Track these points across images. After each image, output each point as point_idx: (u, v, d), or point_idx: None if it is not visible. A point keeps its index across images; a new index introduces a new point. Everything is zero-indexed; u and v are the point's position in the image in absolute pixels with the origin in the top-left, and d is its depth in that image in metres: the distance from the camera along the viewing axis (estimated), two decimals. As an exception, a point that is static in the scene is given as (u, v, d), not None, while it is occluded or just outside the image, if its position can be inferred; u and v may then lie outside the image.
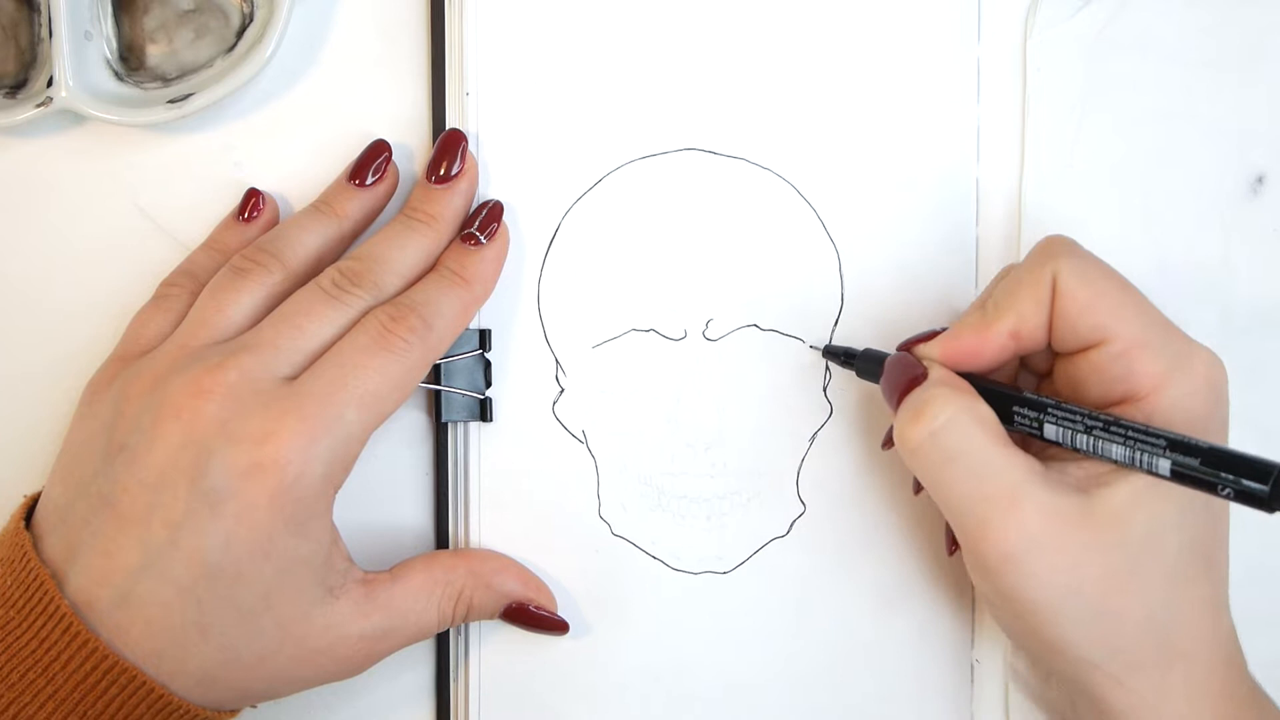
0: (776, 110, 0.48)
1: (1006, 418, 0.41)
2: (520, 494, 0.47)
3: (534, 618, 0.46)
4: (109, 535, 0.40)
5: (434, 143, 0.46)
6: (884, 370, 0.43)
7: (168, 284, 0.46)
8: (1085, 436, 0.40)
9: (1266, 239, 0.49)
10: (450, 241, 0.46)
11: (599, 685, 0.48)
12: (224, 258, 0.46)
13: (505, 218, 0.46)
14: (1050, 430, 0.40)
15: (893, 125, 0.48)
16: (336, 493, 0.42)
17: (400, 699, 0.48)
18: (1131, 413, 0.40)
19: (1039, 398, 0.41)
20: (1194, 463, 0.37)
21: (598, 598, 0.48)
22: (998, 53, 0.49)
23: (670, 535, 0.48)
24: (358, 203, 0.46)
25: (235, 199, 0.47)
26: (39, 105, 0.45)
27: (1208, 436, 0.40)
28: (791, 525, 0.48)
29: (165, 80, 0.47)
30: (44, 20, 0.46)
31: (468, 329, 0.46)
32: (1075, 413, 0.40)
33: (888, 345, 0.46)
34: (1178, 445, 0.38)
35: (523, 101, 0.47)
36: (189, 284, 0.45)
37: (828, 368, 0.48)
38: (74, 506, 0.41)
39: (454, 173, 0.46)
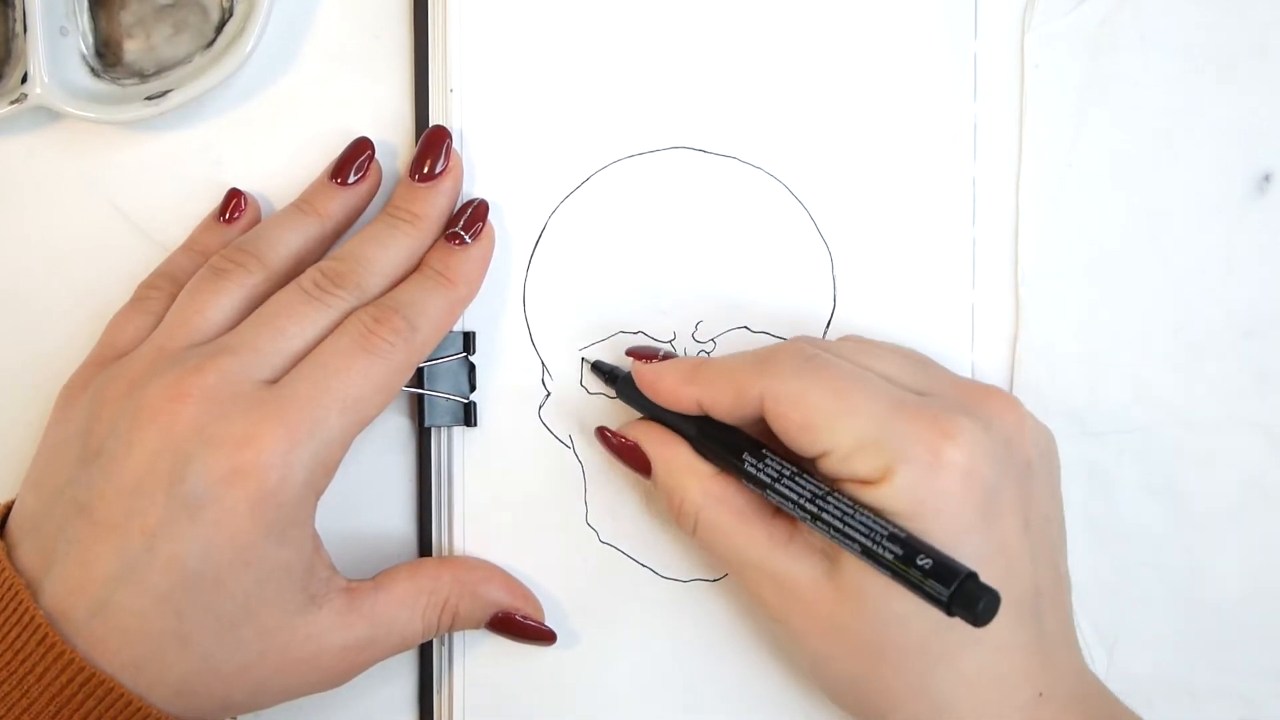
0: (768, 108, 0.48)
1: (737, 458, 0.43)
2: (506, 500, 0.48)
3: (520, 627, 0.46)
4: (85, 543, 0.40)
5: (417, 140, 0.46)
6: (605, 447, 0.46)
7: (146, 286, 0.46)
8: (802, 513, 0.41)
9: (1273, 239, 0.50)
10: (434, 241, 0.46)
11: (586, 696, 0.48)
12: (204, 259, 0.45)
13: (491, 217, 0.46)
14: (775, 500, 0.42)
15: (887, 123, 0.48)
16: (318, 499, 0.42)
17: (383, 710, 0.48)
18: (864, 495, 0.41)
19: (761, 470, 0.42)
20: (888, 553, 0.38)
21: (585, 606, 0.48)
22: (995, 48, 0.49)
23: (659, 543, 0.48)
24: (340, 202, 0.46)
25: (215, 198, 0.47)
26: (13, 102, 0.46)
27: (950, 520, 0.40)
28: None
29: (143, 76, 0.48)
30: (18, 15, 0.46)
31: (452, 331, 0.46)
32: (794, 493, 0.41)
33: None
34: (873, 531, 0.39)
35: (508, 98, 0.47)
36: (168, 286, 0.45)
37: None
38: (49, 514, 0.41)
39: (438, 171, 0.46)
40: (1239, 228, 0.49)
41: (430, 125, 0.47)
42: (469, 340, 0.47)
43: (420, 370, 0.47)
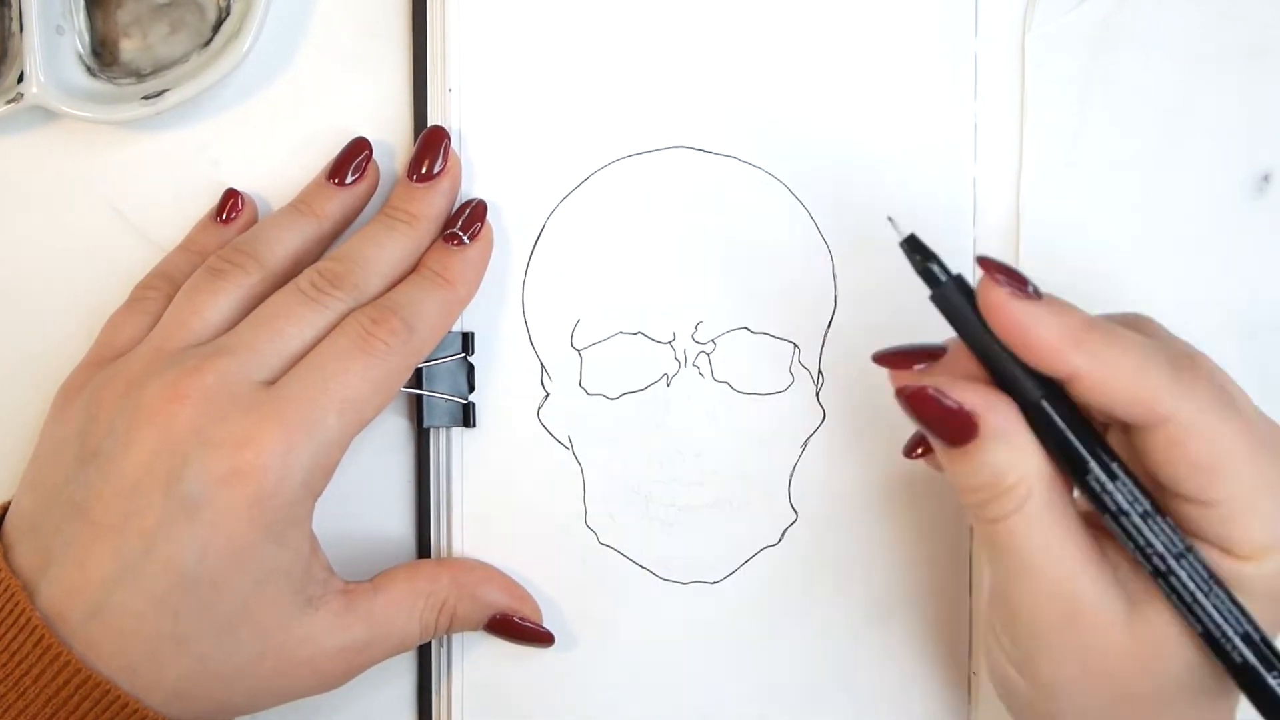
0: (768, 107, 0.48)
1: (1082, 472, 0.37)
2: (504, 502, 0.48)
3: (519, 629, 0.46)
4: (82, 544, 0.40)
5: (415, 140, 0.46)
6: (907, 397, 0.38)
7: (143, 286, 0.46)
8: (1144, 561, 0.36)
9: (1273, 239, 0.50)
10: (432, 242, 0.46)
11: (585, 698, 0.48)
12: (201, 259, 0.45)
13: (489, 217, 0.46)
14: (1110, 526, 0.37)
15: (887, 123, 0.48)
16: (316, 500, 0.42)
17: (382, 712, 0.48)
18: (1224, 565, 0.36)
19: (1110, 491, 0.36)
20: (1237, 654, 0.35)
21: (584, 609, 0.48)
22: (996, 47, 0.49)
23: (658, 544, 0.48)
24: (337, 202, 0.46)
25: (212, 198, 0.48)
26: (9, 101, 0.45)
27: None
28: (783, 534, 0.49)
29: (139, 76, 0.48)
30: (14, 14, 0.46)
31: (450, 332, 0.46)
32: (1144, 536, 0.36)
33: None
34: (1230, 618, 0.35)
35: (507, 98, 0.47)
36: (165, 286, 0.45)
37: (820, 372, 0.49)
38: (45, 515, 0.41)
39: (436, 171, 0.46)
40: (1239, 228, 0.50)
41: (428, 125, 0.47)
42: (467, 341, 0.47)
43: (419, 371, 0.47)
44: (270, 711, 0.44)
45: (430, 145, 0.46)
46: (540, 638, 0.47)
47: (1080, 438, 0.36)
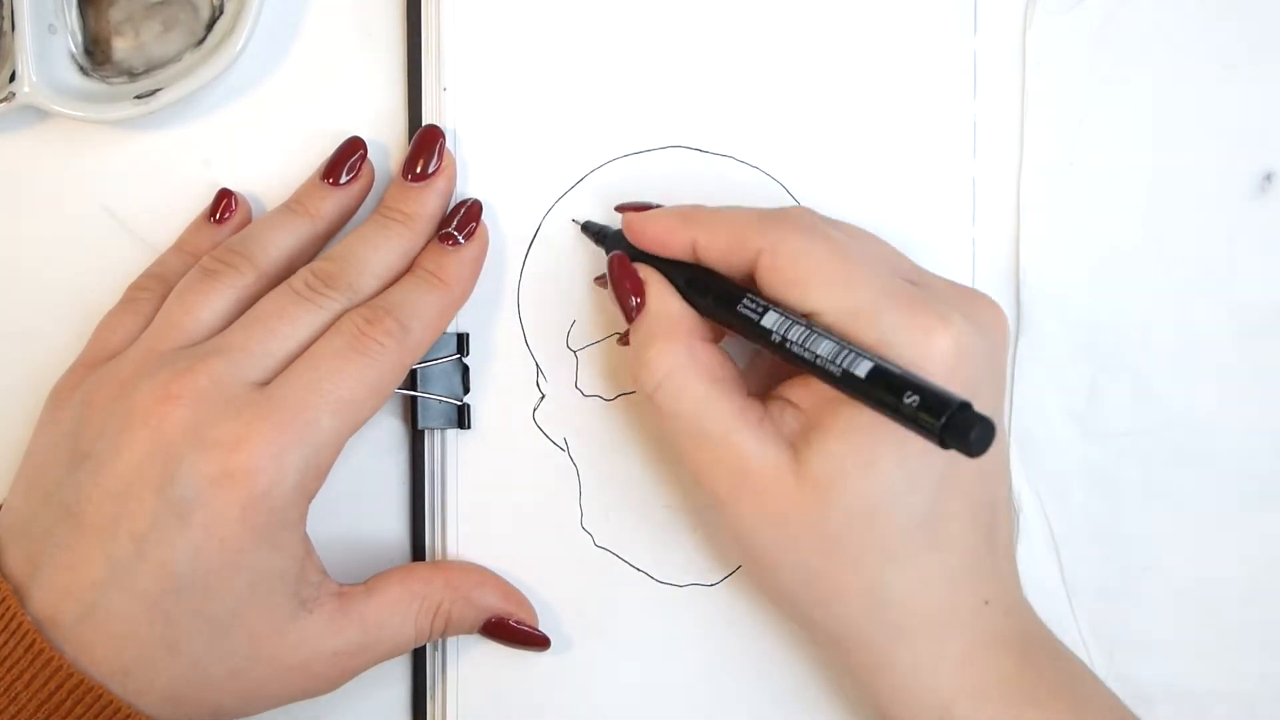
0: (765, 106, 0.48)
1: (731, 302, 0.42)
2: (499, 504, 0.48)
3: (514, 633, 0.46)
4: (73, 547, 0.40)
5: (410, 140, 0.46)
6: (608, 271, 0.45)
7: (136, 287, 0.46)
8: (793, 343, 0.40)
9: (1275, 238, 0.50)
10: (427, 242, 0.46)
11: (581, 702, 0.48)
12: (195, 260, 0.46)
13: (484, 217, 0.46)
14: (763, 337, 0.41)
15: (885, 121, 0.48)
16: (310, 503, 0.42)
17: (376, 715, 0.48)
18: None
19: (754, 308, 0.41)
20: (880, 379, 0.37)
21: (580, 612, 0.48)
22: (995, 45, 0.49)
23: (655, 546, 0.48)
24: (332, 202, 0.46)
25: (205, 198, 0.48)
26: (0, 101, 0.46)
27: None
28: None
29: (132, 75, 0.48)
30: (6, 13, 0.46)
31: (445, 333, 0.46)
32: (786, 326, 0.40)
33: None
34: (849, 375, 0.38)
35: (502, 97, 0.47)
36: (158, 287, 0.46)
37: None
38: (37, 518, 0.41)
39: (431, 171, 0.46)
40: (1241, 227, 0.49)
41: (423, 124, 0.47)
42: (462, 342, 0.47)
43: (413, 372, 0.47)
44: (263, 715, 0.44)
45: (425, 145, 0.46)
46: (536, 641, 0.47)
47: (722, 288, 0.42)
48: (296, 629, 0.42)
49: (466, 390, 0.48)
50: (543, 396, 0.48)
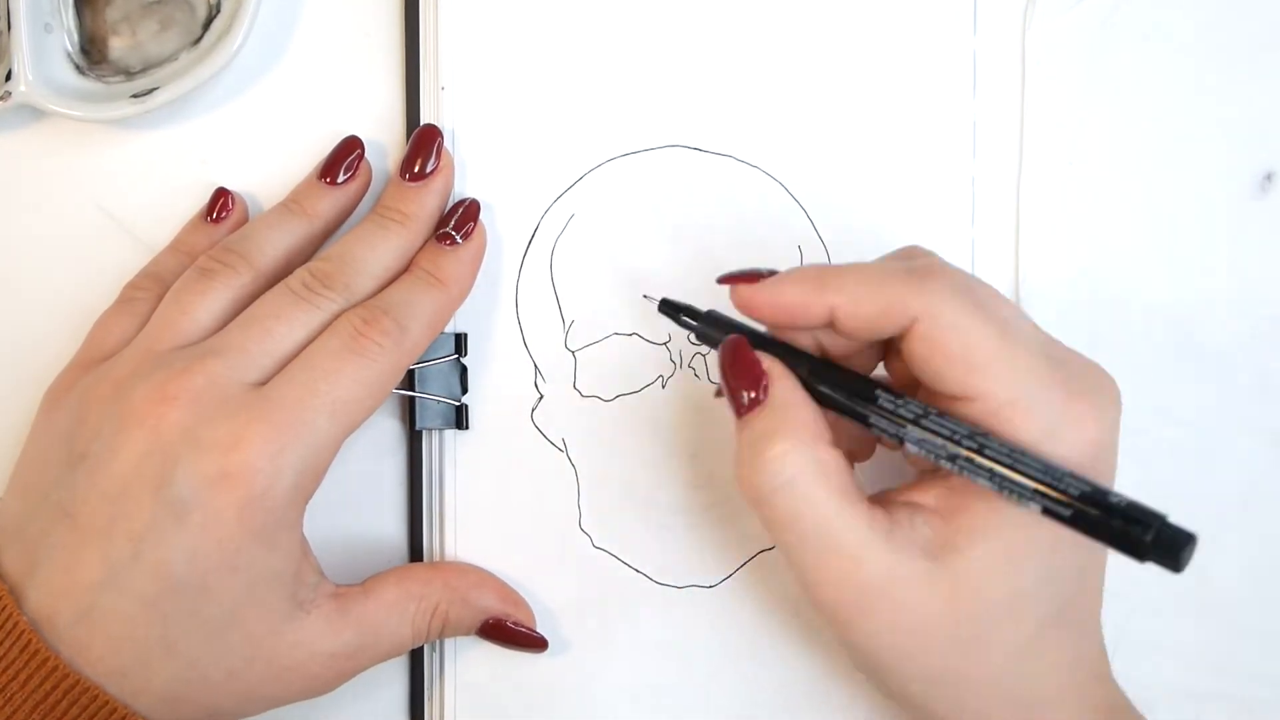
0: (764, 106, 0.48)
1: (867, 398, 0.39)
2: (498, 505, 0.48)
3: (512, 634, 0.47)
4: (69, 548, 0.40)
5: (408, 139, 0.46)
6: (720, 358, 0.41)
7: (132, 286, 0.46)
8: (956, 451, 0.38)
9: (1276, 239, 0.50)
10: (425, 242, 0.46)
11: (579, 705, 0.48)
12: (191, 260, 0.46)
13: (482, 217, 0.46)
14: (915, 443, 0.38)
15: (885, 121, 0.48)
16: (307, 503, 0.42)
17: (373, 717, 0.48)
18: None
19: (901, 406, 0.38)
20: (1073, 489, 0.36)
21: (578, 613, 0.48)
22: (995, 44, 0.49)
23: (654, 548, 0.48)
24: (329, 201, 0.46)
25: (202, 198, 0.48)
26: (-3, 100, 0.46)
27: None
28: (780, 537, 0.49)
29: (129, 74, 0.48)
30: (1, 12, 0.46)
31: (443, 333, 0.46)
32: (945, 430, 0.38)
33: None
34: (1053, 471, 0.36)
35: (500, 96, 0.47)
36: (154, 287, 0.46)
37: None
38: (32, 519, 0.41)
39: (429, 170, 0.46)
40: (1242, 227, 0.50)
41: (421, 124, 0.47)
42: (460, 342, 0.47)
43: (411, 372, 0.47)
44: (260, 717, 0.44)
45: (423, 144, 0.46)
46: (534, 643, 0.47)
47: (852, 381, 0.39)
48: (293, 630, 0.42)
49: (464, 391, 0.48)
50: (541, 397, 0.48)
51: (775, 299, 0.40)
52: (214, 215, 0.47)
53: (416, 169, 0.46)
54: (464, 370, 0.48)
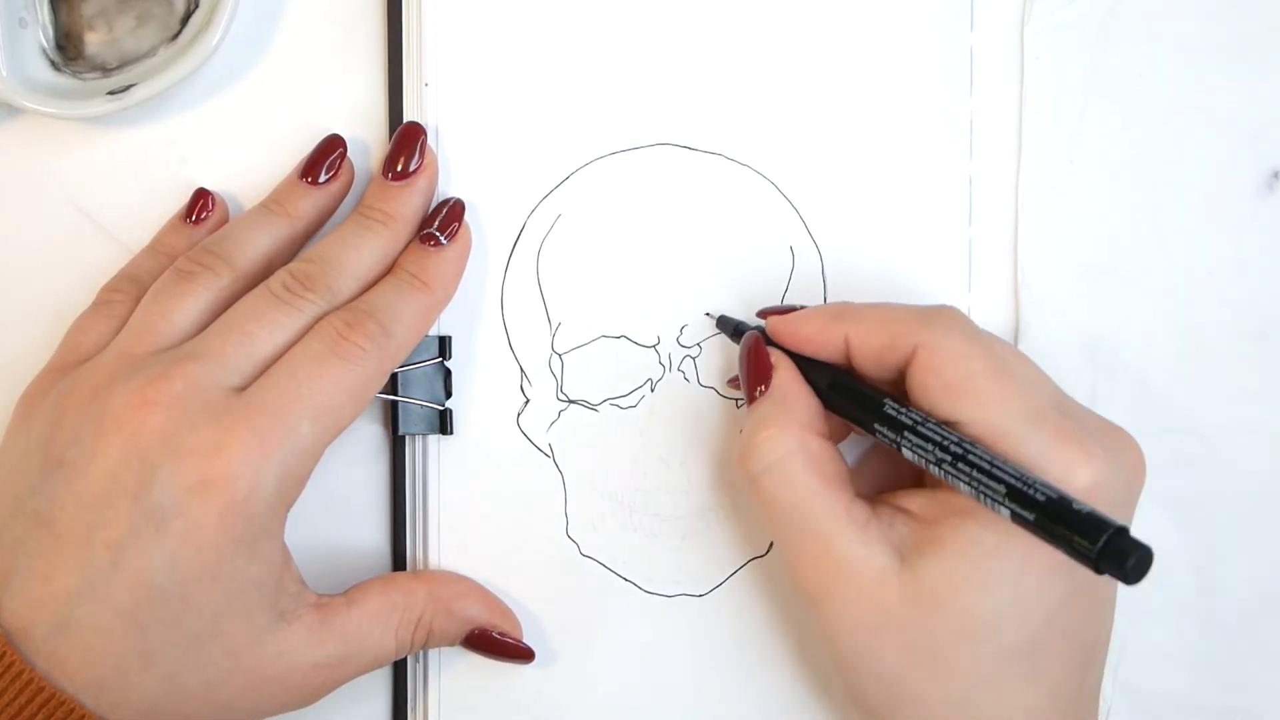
0: (755, 103, 0.48)
1: (877, 407, 0.42)
2: (483, 512, 0.48)
3: (497, 644, 0.47)
4: (46, 557, 0.40)
5: (391, 137, 0.47)
6: (740, 352, 0.45)
7: (109, 289, 0.46)
8: (943, 455, 0.40)
9: (1280, 238, 0.50)
10: (408, 242, 0.46)
11: (566, 715, 0.48)
12: (170, 261, 0.46)
13: (467, 217, 0.46)
14: (911, 447, 0.41)
15: (880, 119, 0.48)
16: (289, 511, 0.42)
17: (356, 729, 0.49)
18: None
19: (903, 413, 0.41)
20: (1040, 494, 0.38)
21: (565, 623, 0.48)
22: (993, 41, 0.49)
23: (642, 555, 0.48)
24: (310, 201, 0.46)
25: (180, 197, 0.48)
26: (-30, 98, 0.46)
27: None
28: (772, 544, 0.49)
29: (105, 70, 0.48)
30: (-25, 8, 0.46)
31: (427, 336, 0.46)
32: (938, 435, 0.40)
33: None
34: (1024, 478, 0.38)
35: (485, 93, 0.48)
36: (132, 289, 0.46)
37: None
38: (8, 527, 0.41)
39: (412, 169, 0.46)
40: (1247, 226, 0.50)
41: (404, 121, 0.47)
42: (444, 345, 0.47)
43: (394, 376, 0.47)
44: (241, 730, 0.44)
45: (406, 142, 0.46)
46: (520, 653, 0.47)
47: (865, 392, 0.43)
48: (275, 640, 0.42)
49: (448, 395, 0.48)
50: (527, 401, 0.48)
51: (797, 330, 0.44)
52: (194, 217, 0.47)
53: (399, 168, 0.46)
54: (448, 374, 0.48)
